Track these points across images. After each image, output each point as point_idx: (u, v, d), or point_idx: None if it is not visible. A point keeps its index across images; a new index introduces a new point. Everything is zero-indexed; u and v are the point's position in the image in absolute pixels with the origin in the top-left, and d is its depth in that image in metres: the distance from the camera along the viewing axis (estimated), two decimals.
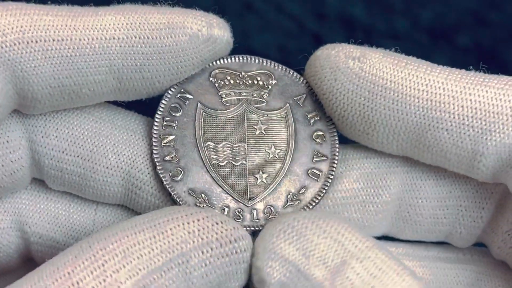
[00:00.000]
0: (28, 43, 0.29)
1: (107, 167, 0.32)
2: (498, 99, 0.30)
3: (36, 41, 0.29)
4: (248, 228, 0.32)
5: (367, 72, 0.31)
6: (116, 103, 0.34)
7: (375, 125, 0.31)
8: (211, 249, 0.28)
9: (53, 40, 0.30)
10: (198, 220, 0.28)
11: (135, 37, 0.30)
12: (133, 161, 0.32)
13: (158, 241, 0.27)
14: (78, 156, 0.32)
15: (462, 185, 0.33)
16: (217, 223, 0.28)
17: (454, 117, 0.30)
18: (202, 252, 0.27)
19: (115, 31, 0.30)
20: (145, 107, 0.34)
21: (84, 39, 0.30)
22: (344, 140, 0.34)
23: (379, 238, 0.35)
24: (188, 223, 0.28)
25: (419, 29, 0.53)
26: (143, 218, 0.28)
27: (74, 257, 0.26)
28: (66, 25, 0.30)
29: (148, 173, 0.32)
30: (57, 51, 0.30)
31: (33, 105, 0.31)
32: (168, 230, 0.27)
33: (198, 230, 0.28)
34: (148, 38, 0.31)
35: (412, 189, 0.33)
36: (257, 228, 0.32)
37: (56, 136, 0.32)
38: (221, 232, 0.28)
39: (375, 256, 0.27)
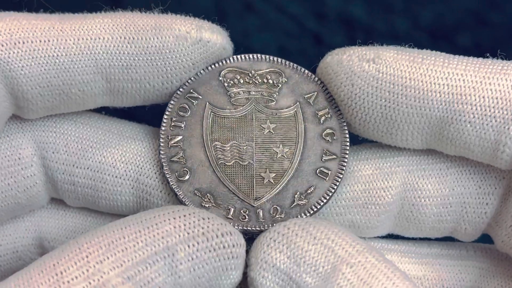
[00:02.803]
0: (15, 44, 0.30)
1: (116, 176, 0.33)
2: None
3: (23, 42, 0.30)
4: (254, 229, 0.31)
5: (385, 73, 0.31)
6: (123, 113, 0.34)
7: (399, 124, 0.31)
8: (197, 243, 0.28)
9: (40, 41, 0.30)
10: (184, 216, 0.28)
11: (121, 37, 0.31)
12: (141, 168, 0.33)
13: (143, 235, 0.27)
14: (88, 168, 0.33)
15: (465, 182, 0.33)
16: (203, 218, 0.28)
17: (476, 109, 0.30)
18: (188, 246, 0.28)
19: (100, 31, 0.31)
20: (153, 116, 0.34)
21: (70, 39, 0.31)
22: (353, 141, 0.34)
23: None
24: (174, 218, 0.28)
25: (419, 29, 0.53)
26: (132, 216, 0.29)
27: (60, 251, 0.27)
28: (54, 27, 0.31)
29: (156, 178, 0.33)
30: (44, 51, 0.30)
31: (27, 106, 0.31)
32: (153, 224, 0.28)
33: (184, 225, 0.28)
34: (133, 38, 0.31)
35: (414, 189, 0.33)
36: (263, 229, 0.31)
37: (66, 151, 0.33)
38: (207, 226, 0.28)
39: (365, 260, 0.28)
